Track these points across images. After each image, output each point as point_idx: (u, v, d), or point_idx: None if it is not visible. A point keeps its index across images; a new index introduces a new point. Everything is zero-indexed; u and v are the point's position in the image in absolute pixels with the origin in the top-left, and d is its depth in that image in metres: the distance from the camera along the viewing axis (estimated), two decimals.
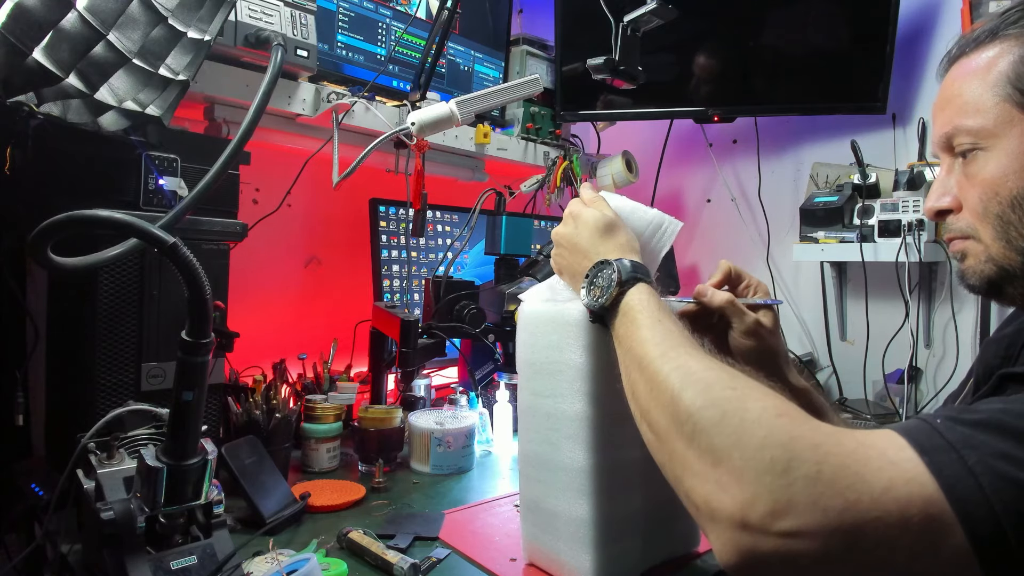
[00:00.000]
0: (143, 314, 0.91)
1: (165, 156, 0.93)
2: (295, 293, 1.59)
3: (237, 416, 1.07)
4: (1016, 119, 0.61)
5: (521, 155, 1.78)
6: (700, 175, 2.10)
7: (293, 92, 1.26)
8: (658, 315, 0.66)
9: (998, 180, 0.62)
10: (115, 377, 0.89)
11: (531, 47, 1.85)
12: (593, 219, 0.78)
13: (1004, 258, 0.63)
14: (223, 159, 0.82)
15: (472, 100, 1.16)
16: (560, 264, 0.82)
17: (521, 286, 1.23)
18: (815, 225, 1.66)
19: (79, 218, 0.58)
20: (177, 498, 0.68)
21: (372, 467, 1.10)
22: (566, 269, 0.81)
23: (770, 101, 1.80)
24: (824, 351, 1.83)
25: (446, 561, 0.85)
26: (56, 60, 0.76)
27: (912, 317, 1.62)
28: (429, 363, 1.35)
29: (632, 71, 1.36)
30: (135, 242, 0.75)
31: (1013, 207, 0.61)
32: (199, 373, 0.64)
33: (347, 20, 1.42)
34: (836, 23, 1.70)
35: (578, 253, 0.78)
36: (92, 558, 0.71)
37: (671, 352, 0.60)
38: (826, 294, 1.83)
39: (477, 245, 1.67)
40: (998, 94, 0.62)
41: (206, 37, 0.88)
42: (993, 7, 1.50)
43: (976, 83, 0.63)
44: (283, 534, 0.91)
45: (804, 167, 1.88)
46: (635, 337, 0.65)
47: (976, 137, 0.63)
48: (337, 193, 1.28)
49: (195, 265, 0.60)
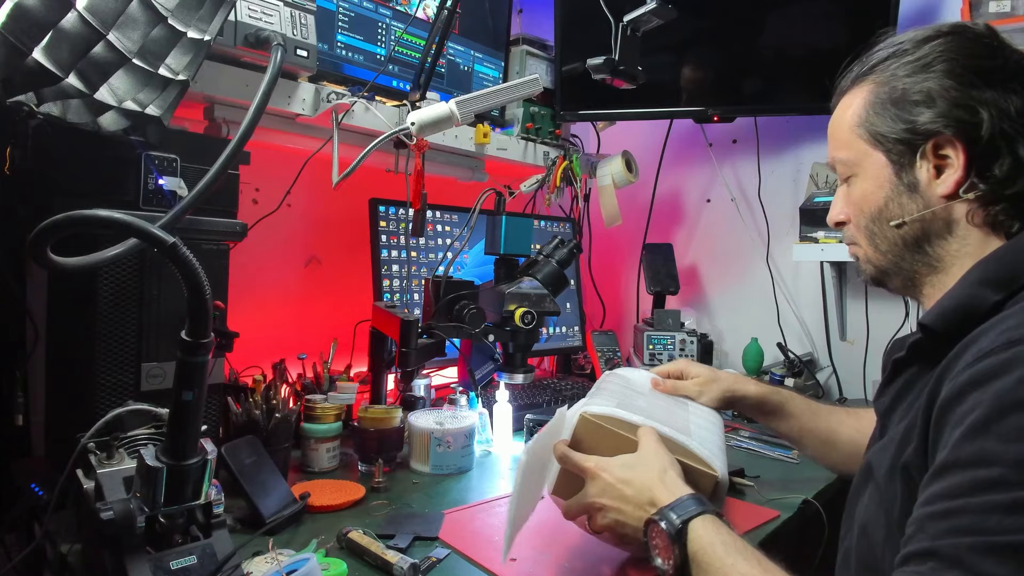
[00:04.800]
0: (143, 314, 0.91)
1: (165, 156, 0.93)
2: (295, 293, 1.59)
3: (237, 416, 1.07)
4: (868, 152, 0.77)
5: (521, 155, 1.78)
6: (700, 175, 2.10)
7: (293, 92, 1.26)
8: (724, 556, 0.68)
9: (862, 200, 0.78)
10: (115, 377, 0.89)
11: (531, 47, 1.84)
12: (617, 473, 0.80)
13: (877, 260, 0.80)
14: (223, 159, 0.81)
15: (472, 100, 1.16)
16: (616, 523, 0.80)
17: (521, 286, 1.23)
18: (815, 225, 1.66)
19: (79, 218, 0.58)
20: (177, 498, 0.68)
21: (372, 467, 1.10)
22: (626, 524, 0.79)
23: (770, 101, 1.80)
24: (824, 351, 1.84)
25: (446, 561, 0.85)
26: (56, 60, 0.76)
27: (912, 317, 1.63)
28: (429, 363, 1.35)
29: (632, 71, 1.36)
30: (135, 242, 0.74)
31: (874, 221, 0.78)
32: (199, 373, 0.64)
33: (347, 20, 1.42)
34: (836, 23, 1.70)
35: (629, 504, 0.78)
36: (92, 558, 0.71)
37: None
38: (826, 294, 1.83)
39: (477, 245, 1.67)
40: (855, 132, 0.78)
41: (206, 37, 0.88)
42: (993, 7, 1.50)
43: (842, 122, 0.80)
44: (283, 534, 0.91)
45: (804, 167, 1.88)
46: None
47: (847, 167, 0.80)
48: (337, 193, 1.28)
49: (195, 265, 0.60)
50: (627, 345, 2.04)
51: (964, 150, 0.70)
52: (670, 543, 0.70)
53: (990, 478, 0.54)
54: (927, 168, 0.73)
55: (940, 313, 0.70)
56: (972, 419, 0.57)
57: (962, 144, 0.70)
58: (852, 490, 0.79)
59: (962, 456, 0.57)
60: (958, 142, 0.70)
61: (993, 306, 0.66)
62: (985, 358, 0.59)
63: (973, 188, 0.71)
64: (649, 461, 0.80)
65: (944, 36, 0.73)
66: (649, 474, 0.78)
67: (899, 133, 0.74)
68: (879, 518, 0.68)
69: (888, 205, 0.76)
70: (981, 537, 0.53)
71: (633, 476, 0.79)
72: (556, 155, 1.84)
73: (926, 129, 0.72)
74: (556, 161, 1.82)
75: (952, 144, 0.71)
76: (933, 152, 0.72)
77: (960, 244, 0.73)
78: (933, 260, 0.75)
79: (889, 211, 0.76)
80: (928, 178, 0.73)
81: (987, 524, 0.53)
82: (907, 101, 0.73)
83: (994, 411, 0.56)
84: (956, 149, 0.71)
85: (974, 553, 0.53)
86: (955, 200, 0.72)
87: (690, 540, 0.70)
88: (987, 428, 0.56)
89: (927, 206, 0.73)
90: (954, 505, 0.56)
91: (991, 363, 0.59)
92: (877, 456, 0.73)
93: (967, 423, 0.57)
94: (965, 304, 0.68)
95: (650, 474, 0.78)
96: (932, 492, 0.58)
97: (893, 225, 0.76)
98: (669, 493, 0.75)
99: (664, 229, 2.15)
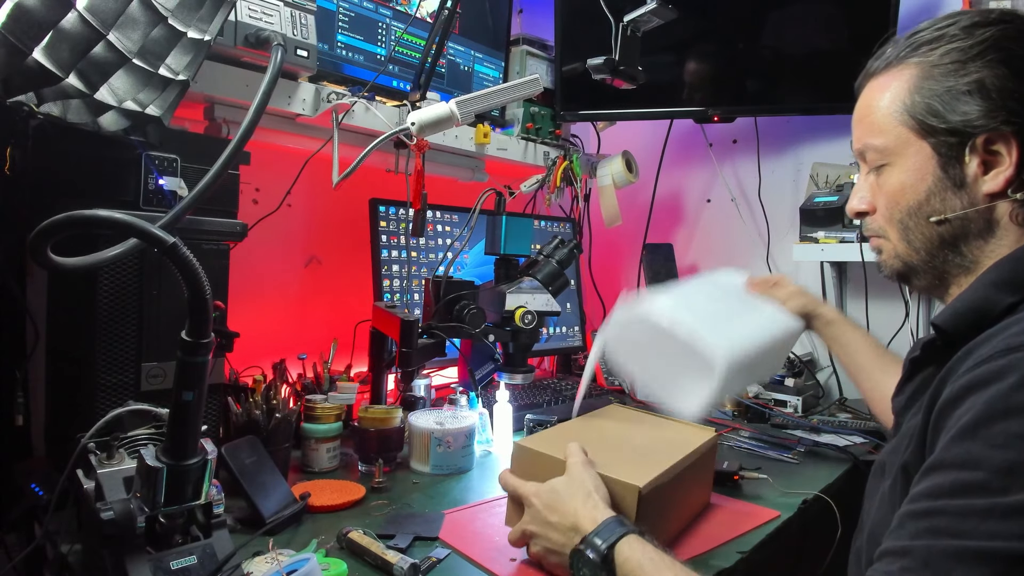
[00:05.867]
0: (143, 314, 0.91)
1: (165, 156, 0.93)
2: (295, 293, 1.59)
3: (237, 416, 1.07)
4: (911, 141, 0.71)
5: (521, 155, 1.78)
6: (700, 175, 2.10)
7: (293, 92, 1.26)
8: (653, 573, 0.69)
9: (899, 192, 0.73)
10: (115, 377, 0.89)
11: (531, 47, 1.84)
12: (543, 501, 0.80)
13: (907, 256, 0.75)
14: (223, 159, 0.81)
15: (472, 100, 1.16)
16: (545, 551, 0.81)
17: (521, 286, 1.23)
18: (815, 225, 1.67)
19: (79, 218, 0.58)
20: (177, 498, 0.68)
21: (372, 467, 1.10)
22: (554, 552, 0.79)
23: (770, 101, 1.80)
24: (824, 351, 1.83)
25: (446, 561, 0.85)
26: (56, 60, 0.76)
27: (912, 317, 1.63)
28: (429, 363, 1.35)
29: (632, 71, 1.36)
30: (135, 242, 0.74)
31: (910, 215, 0.73)
32: (199, 373, 0.64)
33: (347, 20, 1.42)
34: (836, 23, 1.70)
35: (555, 531, 0.78)
36: (92, 558, 0.71)
37: None
38: (826, 294, 1.83)
39: (477, 245, 1.67)
40: (896, 118, 0.72)
41: (206, 37, 0.88)
42: (993, 6, 1.50)
43: (880, 106, 0.74)
44: (283, 534, 0.91)
45: (804, 167, 1.88)
46: None
47: (881, 155, 0.74)
48: (337, 193, 1.28)
49: (195, 265, 0.60)
50: None
51: (1018, 147, 0.67)
52: (598, 572, 0.71)
53: (973, 481, 0.54)
54: (976, 163, 0.68)
55: (953, 314, 0.69)
56: (963, 422, 0.57)
57: (1016, 140, 0.67)
58: (867, 489, 0.79)
59: (948, 458, 0.57)
60: (1013, 138, 0.67)
61: (1007, 308, 0.65)
62: (984, 363, 0.59)
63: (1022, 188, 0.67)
64: (572, 486, 0.80)
65: (995, 24, 0.68)
66: (572, 501, 0.78)
67: (951, 124, 0.68)
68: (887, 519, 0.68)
69: (930, 199, 0.71)
70: (955, 541, 0.53)
71: (557, 502, 0.79)
72: (556, 155, 1.84)
73: (981, 123, 0.67)
74: (556, 161, 1.82)
75: (1006, 140, 0.67)
76: (984, 147, 0.68)
77: (996, 245, 0.70)
78: (968, 261, 0.71)
79: (930, 206, 0.71)
80: (976, 174, 0.69)
81: (963, 527, 0.53)
82: (958, 91, 0.68)
83: (984, 416, 0.56)
84: (1009, 145, 0.67)
85: (946, 557, 0.53)
86: (1001, 199, 0.68)
87: (618, 565, 0.70)
88: (976, 432, 0.56)
89: (971, 204, 0.69)
90: (934, 506, 0.56)
91: (988, 368, 0.58)
92: (889, 456, 0.73)
93: (959, 426, 0.57)
94: (978, 306, 0.67)
95: (574, 501, 0.78)
96: (916, 491, 0.59)
97: (933, 221, 0.71)
98: (591, 520, 0.75)
99: (664, 229, 2.15)
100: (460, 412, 1.25)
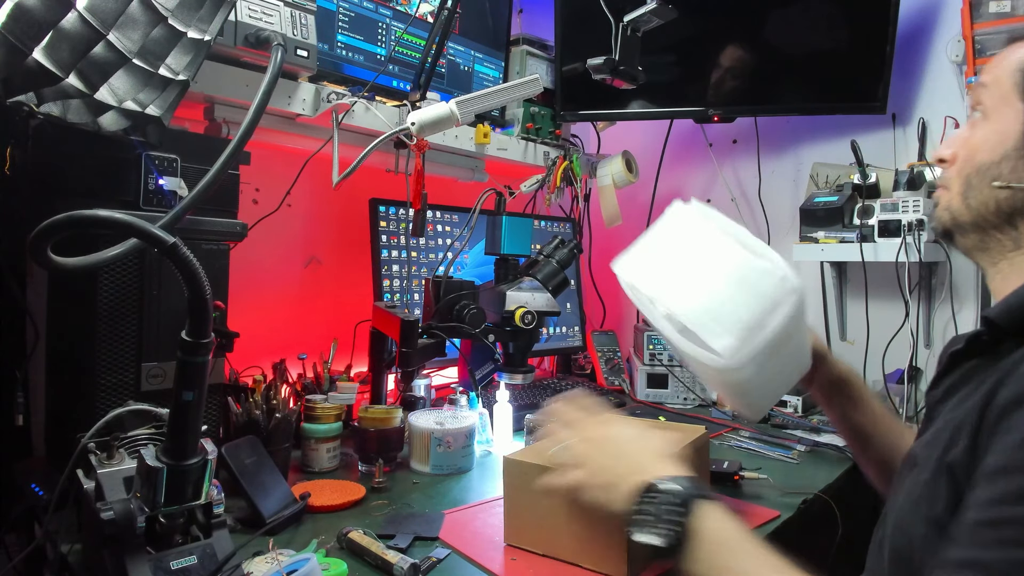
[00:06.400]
0: (143, 314, 0.91)
1: (165, 156, 0.93)
2: (295, 293, 1.59)
3: (237, 416, 1.07)
4: (1010, 100, 0.71)
5: (521, 155, 1.78)
6: (700, 175, 2.10)
7: (293, 92, 1.26)
8: (737, 542, 0.67)
9: (979, 146, 0.72)
10: (115, 377, 0.89)
11: (531, 47, 1.84)
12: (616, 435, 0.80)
13: (960, 212, 0.74)
14: (223, 159, 0.81)
15: (472, 100, 1.16)
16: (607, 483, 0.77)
17: (521, 286, 1.23)
18: (815, 225, 1.66)
19: (79, 218, 0.58)
20: (177, 498, 0.68)
21: (372, 467, 1.10)
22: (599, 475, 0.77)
23: (770, 101, 1.80)
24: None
25: (446, 561, 0.85)
26: (56, 60, 0.76)
27: (912, 317, 1.63)
28: (429, 363, 1.35)
29: (632, 71, 1.36)
30: (135, 242, 0.74)
31: (978, 173, 0.72)
32: (199, 373, 0.64)
33: (347, 20, 1.42)
34: (836, 23, 1.70)
35: (611, 459, 0.77)
36: (92, 558, 0.71)
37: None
38: (826, 294, 1.83)
39: (477, 245, 1.67)
40: (1011, 77, 0.72)
41: (206, 37, 0.88)
42: (993, 7, 1.50)
43: (1009, 60, 0.73)
44: (283, 534, 0.91)
45: (804, 167, 1.88)
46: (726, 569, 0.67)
47: (985, 104, 0.74)
48: (337, 193, 1.28)
49: (195, 265, 0.60)
50: (627, 345, 2.04)
51: None
52: (671, 513, 0.68)
53: None
54: None
55: (1007, 308, 0.67)
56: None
57: None
58: (895, 479, 0.77)
59: (1015, 462, 0.55)
60: None
61: None
62: None
63: None
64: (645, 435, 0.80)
65: None
66: (636, 443, 0.78)
67: None
68: (917, 513, 0.65)
69: (1002, 162, 0.70)
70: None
71: (620, 445, 0.78)
72: (556, 155, 1.84)
73: None
74: (556, 161, 1.82)
75: None
76: None
77: None
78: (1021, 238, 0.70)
79: (999, 169, 0.70)
80: None
81: None
82: None
83: None
84: None
85: (1019, 569, 0.51)
86: None
87: (697, 518, 0.67)
88: None
89: None
90: (1002, 514, 0.54)
91: None
92: (923, 449, 0.70)
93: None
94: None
95: (647, 445, 0.78)
96: (981, 497, 0.56)
97: (996, 186, 0.70)
98: (662, 468, 0.73)
99: None
100: (460, 412, 1.26)
